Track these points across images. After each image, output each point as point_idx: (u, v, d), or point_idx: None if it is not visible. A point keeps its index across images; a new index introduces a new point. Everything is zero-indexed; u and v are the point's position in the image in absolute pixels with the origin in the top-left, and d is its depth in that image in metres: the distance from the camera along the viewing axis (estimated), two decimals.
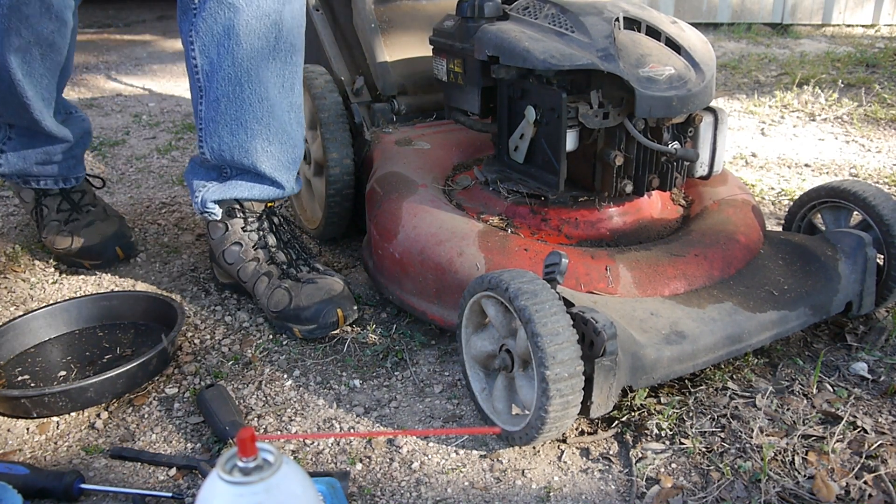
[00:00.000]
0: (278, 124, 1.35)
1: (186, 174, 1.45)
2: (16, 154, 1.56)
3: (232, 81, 1.28)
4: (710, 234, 1.24)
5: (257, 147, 1.34)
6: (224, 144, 1.34)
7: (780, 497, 0.95)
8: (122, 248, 1.60)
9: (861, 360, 1.23)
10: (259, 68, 1.29)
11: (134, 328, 1.37)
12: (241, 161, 1.35)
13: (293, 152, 1.40)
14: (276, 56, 1.30)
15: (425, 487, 0.99)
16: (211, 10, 1.24)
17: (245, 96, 1.30)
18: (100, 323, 1.37)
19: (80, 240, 1.58)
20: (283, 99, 1.34)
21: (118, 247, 1.60)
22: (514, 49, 1.17)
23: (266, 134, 1.34)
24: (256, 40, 1.26)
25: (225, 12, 1.24)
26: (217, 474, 0.60)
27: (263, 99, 1.31)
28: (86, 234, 1.59)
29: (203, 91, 1.32)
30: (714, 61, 1.21)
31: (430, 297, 1.24)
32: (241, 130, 1.32)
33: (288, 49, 1.31)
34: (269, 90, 1.31)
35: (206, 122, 1.34)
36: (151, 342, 1.30)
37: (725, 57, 3.61)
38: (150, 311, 1.37)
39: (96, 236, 1.58)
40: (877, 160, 2.20)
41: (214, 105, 1.31)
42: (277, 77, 1.32)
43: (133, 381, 1.18)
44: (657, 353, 1.03)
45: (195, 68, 1.30)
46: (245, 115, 1.31)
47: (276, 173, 1.39)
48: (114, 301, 1.39)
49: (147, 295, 1.40)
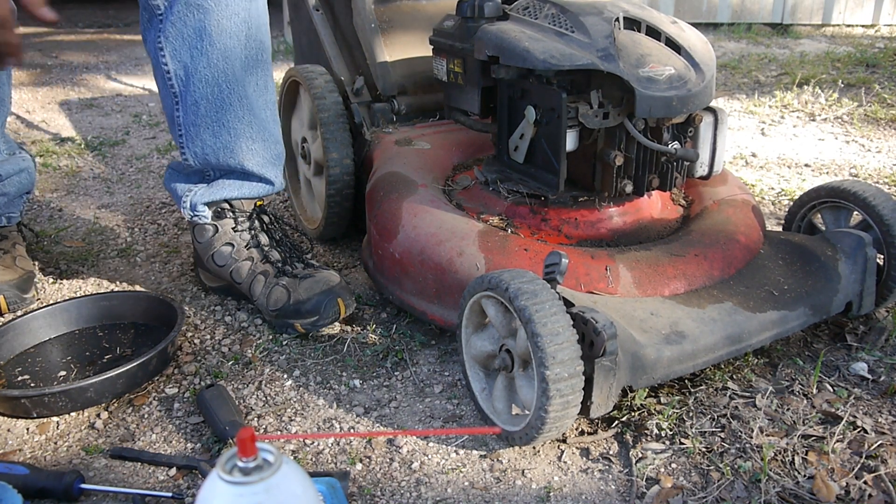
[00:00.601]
0: (259, 122, 1.35)
1: (167, 181, 1.44)
2: None
3: (209, 83, 1.28)
4: (710, 234, 1.24)
5: (242, 146, 1.34)
6: (207, 147, 1.33)
7: (780, 497, 0.95)
8: (6, 299, 1.42)
9: (861, 360, 1.23)
10: (235, 68, 1.28)
11: (134, 328, 1.37)
12: (227, 162, 1.35)
13: (275, 149, 1.40)
14: (249, 54, 1.30)
15: (425, 487, 0.99)
16: (179, 13, 1.23)
17: (224, 97, 1.30)
18: (100, 323, 1.37)
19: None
20: (259, 97, 1.34)
21: (3, 296, 1.42)
22: (514, 49, 1.17)
23: (249, 132, 1.34)
24: (229, 40, 1.26)
25: (194, 14, 1.23)
26: (217, 474, 0.60)
27: (242, 98, 1.31)
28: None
29: (179, 96, 1.31)
30: (714, 61, 1.21)
31: (430, 297, 1.24)
32: (224, 131, 1.32)
33: (258, 47, 1.31)
34: (247, 89, 1.31)
35: (187, 128, 1.33)
36: (151, 342, 1.30)
37: (725, 57, 3.61)
38: (151, 310, 1.37)
39: (9, 272, 1.44)
40: (877, 160, 2.20)
41: (193, 109, 1.30)
42: (252, 75, 1.32)
43: (133, 381, 1.18)
44: (657, 353, 1.03)
45: (167, 74, 1.29)
46: (226, 115, 1.31)
47: (263, 170, 1.39)
48: (114, 301, 1.39)
49: (147, 295, 1.40)
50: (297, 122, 1.73)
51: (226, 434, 1.06)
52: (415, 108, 1.63)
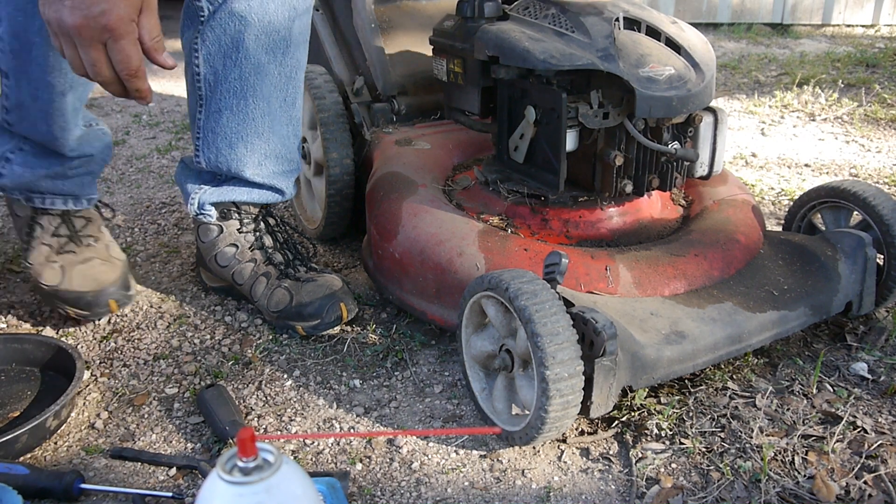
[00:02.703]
0: (278, 139, 1.34)
1: (178, 175, 1.44)
2: (24, 165, 1.32)
3: (237, 95, 1.27)
4: (710, 234, 1.24)
5: (255, 161, 1.34)
6: (221, 156, 1.33)
7: (780, 497, 0.95)
8: (116, 301, 1.33)
9: (861, 360, 1.23)
10: (265, 84, 1.27)
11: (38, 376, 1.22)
12: (239, 173, 1.35)
13: (290, 164, 1.40)
14: (283, 72, 1.29)
15: (425, 487, 0.99)
16: (221, 20, 1.21)
17: (248, 111, 1.28)
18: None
19: (72, 281, 1.32)
20: (284, 113, 1.33)
21: (113, 299, 1.32)
22: (515, 49, 1.17)
23: (265, 150, 1.34)
24: (264, 55, 1.25)
25: (235, 24, 1.21)
26: (217, 474, 0.60)
27: (266, 114, 1.30)
28: (79, 275, 1.32)
29: (204, 100, 1.30)
30: (714, 61, 1.21)
31: (430, 297, 1.24)
32: (241, 144, 1.31)
33: (294, 65, 1.30)
34: (272, 105, 1.30)
35: (205, 133, 1.32)
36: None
37: (725, 57, 3.61)
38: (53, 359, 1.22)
39: (91, 282, 1.32)
40: (877, 160, 2.20)
41: (216, 116, 1.29)
42: (281, 92, 1.31)
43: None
44: (657, 353, 1.03)
45: (197, 77, 1.28)
46: (247, 129, 1.30)
47: (274, 181, 1.39)
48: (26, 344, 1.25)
49: (50, 341, 1.25)
50: None
51: (226, 434, 1.06)
52: (415, 108, 1.62)
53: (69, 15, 0.90)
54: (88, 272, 1.33)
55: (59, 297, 1.32)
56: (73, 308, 1.32)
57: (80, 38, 0.91)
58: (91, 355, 1.30)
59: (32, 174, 1.33)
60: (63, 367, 1.20)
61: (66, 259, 1.35)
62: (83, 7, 0.89)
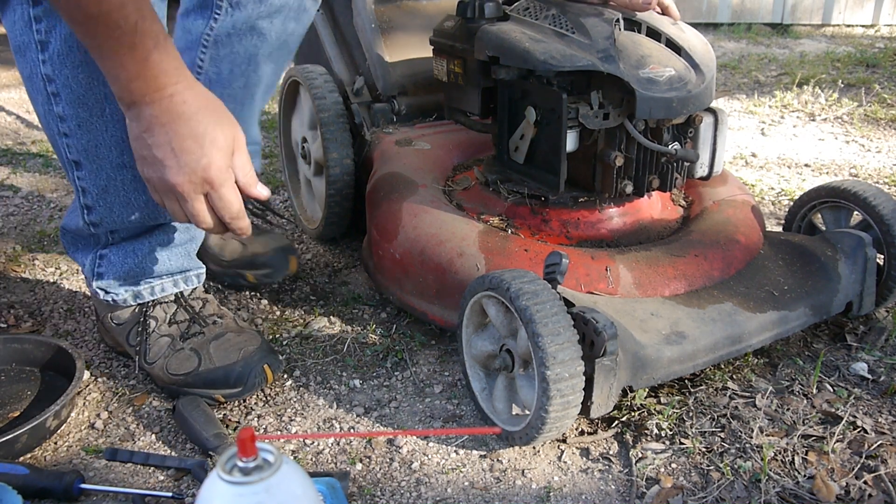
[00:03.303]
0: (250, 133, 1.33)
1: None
2: (122, 252, 1.17)
3: (235, 101, 1.26)
4: (710, 235, 1.24)
5: None
6: None
7: (780, 497, 0.95)
8: (270, 366, 1.15)
9: (861, 360, 1.23)
10: (259, 89, 1.28)
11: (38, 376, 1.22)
12: None
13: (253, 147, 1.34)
14: (275, 80, 1.30)
15: (425, 487, 0.99)
16: (241, 32, 1.17)
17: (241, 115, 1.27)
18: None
19: (212, 359, 1.14)
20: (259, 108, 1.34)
21: (266, 364, 1.14)
22: (515, 50, 1.17)
23: None
24: (268, 66, 1.25)
25: (254, 40, 1.19)
26: (217, 474, 0.60)
27: (251, 115, 1.32)
28: (218, 350, 1.15)
29: None
30: (714, 62, 1.21)
31: (430, 297, 1.24)
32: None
33: (283, 69, 1.32)
34: (255, 106, 1.32)
35: None
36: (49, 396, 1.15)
37: (725, 57, 3.61)
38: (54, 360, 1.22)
39: (235, 353, 1.14)
40: (877, 160, 2.20)
41: None
42: (266, 94, 1.32)
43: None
44: (657, 354, 1.03)
45: (199, 69, 1.22)
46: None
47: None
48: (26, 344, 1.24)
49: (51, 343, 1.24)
50: (298, 122, 1.73)
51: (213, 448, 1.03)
52: (415, 108, 1.63)
53: (173, 174, 0.90)
54: (226, 345, 1.16)
55: (201, 384, 1.14)
56: (220, 390, 1.13)
57: (182, 194, 0.92)
58: (91, 355, 1.30)
59: (135, 257, 1.17)
60: (63, 367, 1.20)
61: (194, 342, 1.18)
62: (185, 165, 0.90)
